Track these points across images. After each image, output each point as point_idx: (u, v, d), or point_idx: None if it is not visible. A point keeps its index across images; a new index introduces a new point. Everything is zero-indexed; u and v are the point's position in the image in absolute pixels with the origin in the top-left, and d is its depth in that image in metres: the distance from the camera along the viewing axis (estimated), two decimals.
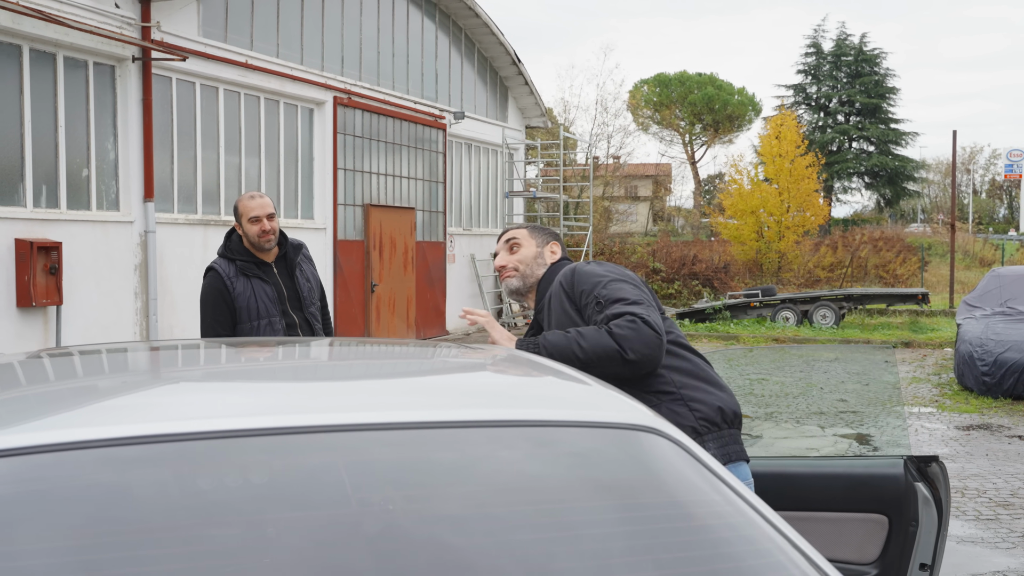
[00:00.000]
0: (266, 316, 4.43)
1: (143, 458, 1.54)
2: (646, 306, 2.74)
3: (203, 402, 1.91)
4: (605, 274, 2.85)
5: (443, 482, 1.67)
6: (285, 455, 1.62)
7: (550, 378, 2.16)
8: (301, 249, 4.71)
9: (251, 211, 4.47)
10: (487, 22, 18.27)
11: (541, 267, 3.18)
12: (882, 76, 50.21)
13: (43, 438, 1.53)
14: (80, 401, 1.94)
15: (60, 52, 10.59)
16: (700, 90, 52.72)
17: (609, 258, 24.65)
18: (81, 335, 10.70)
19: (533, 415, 1.80)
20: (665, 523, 1.69)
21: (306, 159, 14.53)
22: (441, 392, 2.06)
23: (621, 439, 1.78)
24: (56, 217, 10.49)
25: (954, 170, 22.21)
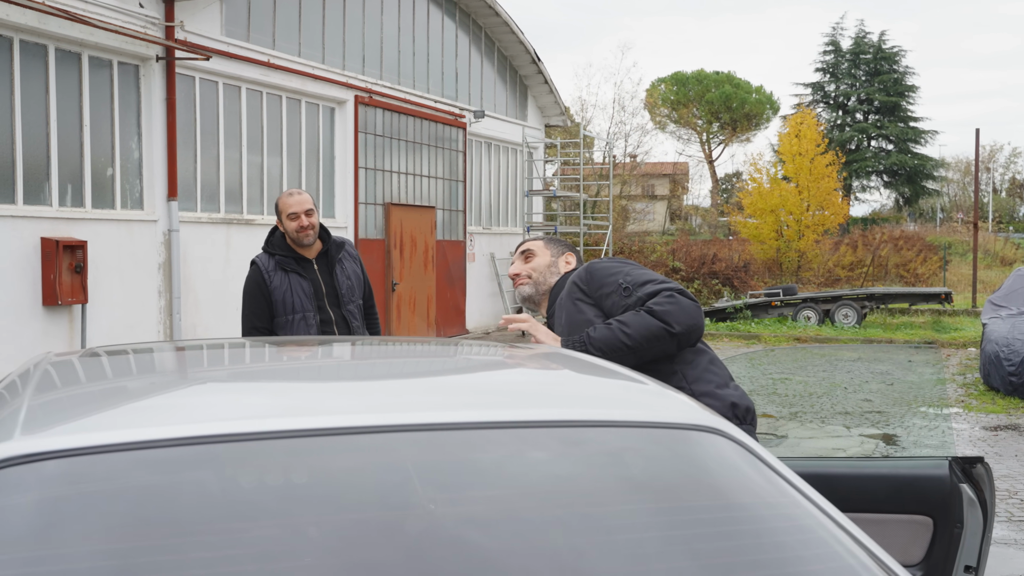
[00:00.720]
0: (300, 311, 4.46)
1: (183, 460, 1.53)
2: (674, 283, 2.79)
3: (240, 403, 1.90)
4: (623, 264, 2.90)
5: (506, 483, 1.65)
6: (328, 456, 1.61)
7: (606, 378, 2.14)
8: (343, 246, 4.74)
9: (289, 208, 4.57)
10: (507, 21, 18.26)
11: (554, 275, 3.20)
12: (901, 74, 49.95)
13: (86, 440, 1.53)
14: (123, 403, 1.94)
15: (85, 52, 10.64)
16: (717, 88, 52.58)
17: (629, 256, 24.62)
18: (106, 334, 10.75)
19: (593, 416, 1.78)
20: (730, 525, 1.67)
21: (327, 158, 14.56)
22: (501, 392, 2.04)
23: (683, 439, 1.76)
24: (81, 216, 10.54)
25: (977, 168, 22.04)
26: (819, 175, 25.13)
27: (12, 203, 9.85)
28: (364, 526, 1.50)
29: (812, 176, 25.03)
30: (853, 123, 50.28)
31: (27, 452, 1.46)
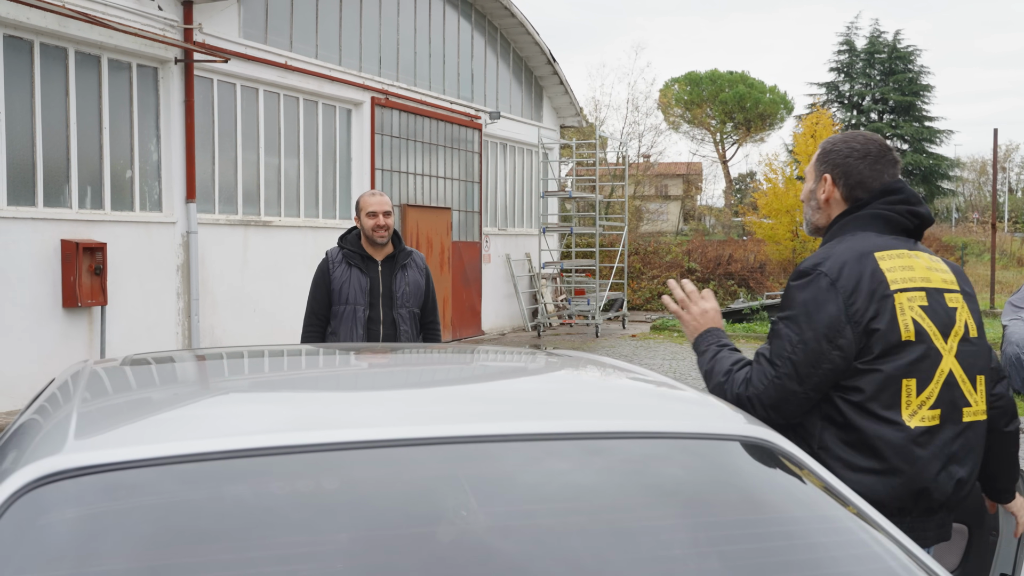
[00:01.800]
0: (352, 303, 4.76)
1: (216, 473, 1.53)
2: (774, 371, 2.29)
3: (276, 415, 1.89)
4: (797, 305, 2.32)
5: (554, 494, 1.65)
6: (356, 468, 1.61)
7: (651, 387, 2.13)
8: (411, 255, 5.00)
9: (370, 206, 4.85)
10: (522, 22, 18.26)
11: (819, 212, 2.60)
12: (916, 73, 49.71)
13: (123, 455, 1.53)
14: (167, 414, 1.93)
15: (104, 54, 10.69)
16: (731, 88, 52.47)
17: (643, 258, 24.58)
18: (125, 335, 10.80)
19: (644, 427, 1.77)
20: (778, 539, 1.65)
21: (344, 159, 14.58)
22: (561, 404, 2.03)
23: (731, 451, 1.75)
24: (100, 218, 10.59)
25: (995, 168, 21.95)
26: None
27: (33, 205, 9.91)
28: (395, 539, 1.49)
29: None
30: (868, 123, 50.06)
31: (78, 465, 1.46)
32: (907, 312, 2.28)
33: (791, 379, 2.26)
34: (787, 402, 2.28)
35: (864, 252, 2.33)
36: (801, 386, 2.26)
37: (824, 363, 2.24)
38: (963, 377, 2.32)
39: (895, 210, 2.42)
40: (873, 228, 2.41)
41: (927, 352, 2.27)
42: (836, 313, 2.25)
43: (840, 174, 2.47)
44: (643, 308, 23.36)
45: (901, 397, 2.25)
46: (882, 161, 2.46)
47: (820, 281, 2.29)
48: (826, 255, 2.34)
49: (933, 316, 2.31)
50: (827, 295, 2.26)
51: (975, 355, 2.36)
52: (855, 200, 2.46)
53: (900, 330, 2.26)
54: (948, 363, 2.30)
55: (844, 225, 2.44)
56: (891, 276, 2.31)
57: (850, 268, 2.29)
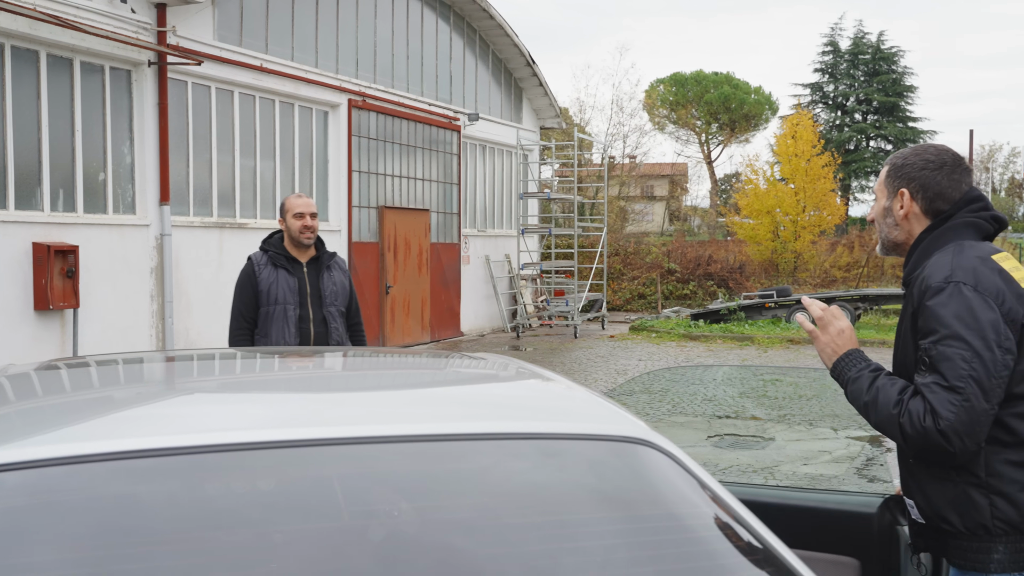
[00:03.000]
0: (282, 303, 4.87)
1: (154, 470, 1.57)
2: (962, 397, 2.15)
3: (213, 414, 1.94)
4: (951, 322, 2.19)
5: (446, 492, 1.70)
6: (294, 467, 1.65)
7: (550, 388, 2.18)
8: (335, 256, 5.18)
9: (296, 207, 4.95)
10: (501, 23, 18.31)
11: (895, 229, 2.53)
12: (900, 74, 49.97)
13: (55, 451, 1.57)
14: (94, 413, 1.97)
15: (77, 57, 10.69)
16: (716, 89, 52.60)
17: (624, 259, 24.65)
18: (98, 338, 10.80)
19: (531, 428, 1.82)
20: (657, 534, 1.71)
21: (320, 161, 14.61)
22: (445, 404, 2.09)
23: (615, 451, 1.80)
24: (73, 221, 10.59)
25: (970, 166, 22.08)
26: (815, 176, 25.17)
27: (4, 208, 9.90)
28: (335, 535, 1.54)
29: (808, 177, 25.08)
30: (852, 123, 50.30)
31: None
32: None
33: (979, 398, 2.14)
34: (980, 424, 2.15)
35: (984, 257, 2.27)
36: (989, 403, 2.15)
37: (1003, 370, 2.16)
38: None
39: (982, 216, 2.38)
40: (968, 236, 2.35)
41: None
42: (994, 316, 2.18)
43: (918, 187, 2.42)
44: (623, 309, 23.44)
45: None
46: (958, 171, 2.42)
47: (963, 290, 2.20)
48: (949, 266, 2.25)
49: None
50: (977, 302, 2.19)
51: None
52: (936, 212, 2.41)
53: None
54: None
55: (940, 236, 2.37)
56: (1016, 276, 2.27)
57: (982, 273, 2.22)
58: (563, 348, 16.15)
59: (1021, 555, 2.24)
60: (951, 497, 2.28)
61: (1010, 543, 2.24)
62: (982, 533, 2.25)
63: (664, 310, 21.58)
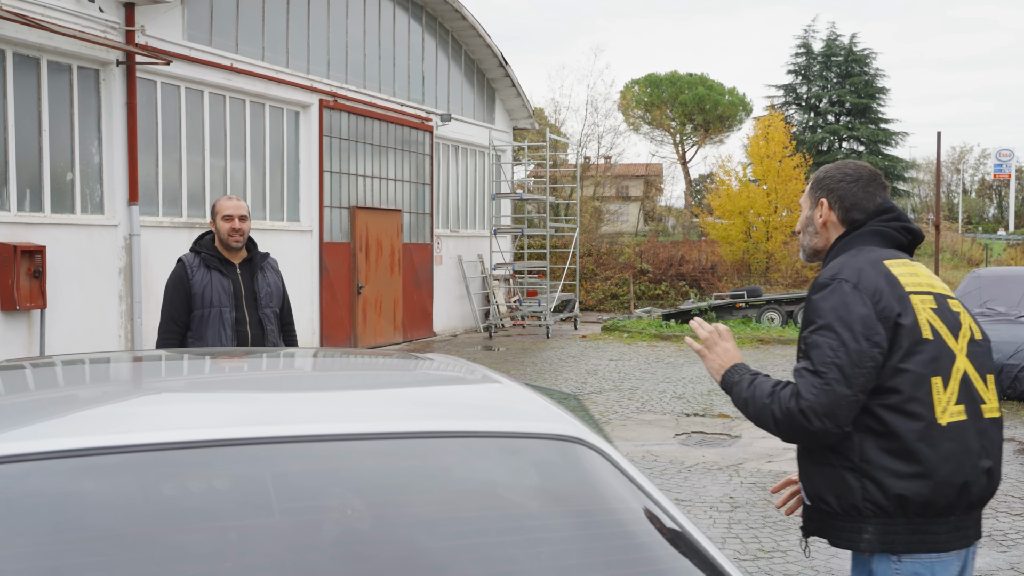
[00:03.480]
0: (217, 306, 4.78)
1: (116, 467, 1.60)
2: (823, 381, 2.37)
3: (176, 413, 1.96)
4: (827, 314, 2.42)
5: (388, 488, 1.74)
6: (254, 464, 1.69)
7: (486, 386, 2.22)
8: (267, 257, 5.13)
9: (225, 210, 4.86)
10: (474, 24, 18.34)
11: (816, 236, 2.75)
12: (872, 76, 50.36)
13: (19, 448, 1.59)
14: (57, 411, 1.98)
15: (44, 56, 10.63)
16: (691, 90, 52.81)
17: (597, 259, 24.73)
18: (66, 339, 10.74)
19: (464, 427, 1.86)
20: (592, 528, 1.76)
21: (292, 162, 14.58)
22: (380, 404, 2.12)
23: (547, 449, 1.85)
24: (40, 221, 10.53)
25: (938, 171, 22.29)
26: (787, 177, 25.36)
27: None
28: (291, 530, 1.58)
29: (780, 178, 25.26)
30: (825, 125, 50.65)
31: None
32: (922, 312, 2.44)
33: (840, 383, 2.35)
34: (839, 407, 2.36)
35: (875, 260, 2.49)
36: (850, 389, 2.35)
37: (867, 361, 2.36)
38: (975, 376, 2.47)
39: (891, 226, 2.60)
40: (874, 243, 2.57)
41: (943, 350, 2.44)
42: (867, 312, 2.39)
43: (836, 198, 2.63)
44: (596, 309, 23.52)
45: (933, 395, 2.40)
46: (873, 184, 2.64)
47: (843, 287, 2.42)
48: (840, 266, 2.48)
49: (943, 317, 2.47)
50: (853, 298, 2.40)
51: (983, 355, 2.52)
52: (851, 221, 2.62)
53: (921, 327, 2.42)
54: (962, 362, 2.46)
55: (847, 242, 2.59)
56: (903, 280, 2.47)
57: (867, 273, 2.44)
58: (535, 348, 16.20)
59: (889, 536, 2.41)
60: (829, 479, 2.49)
61: (879, 524, 2.42)
62: (855, 514, 2.44)
63: (636, 310, 21.67)
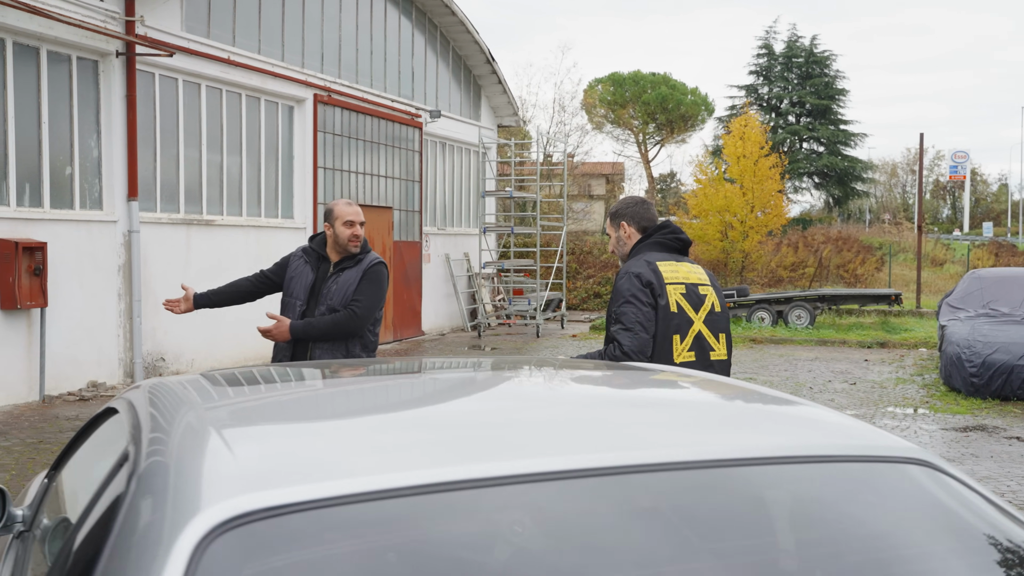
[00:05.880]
0: (293, 296, 4.98)
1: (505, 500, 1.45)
2: (633, 332, 3.75)
3: (531, 436, 1.74)
4: (624, 293, 3.82)
5: (742, 520, 1.59)
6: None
7: (802, 408, 2.06)
8: (356, 257, 4.95)
9: (347, 215, 4.88)
10: (463, 20, 18.15)
11: (625, 246, 4.18)
12: (832, 78, 50.97)
13: (315, 492, 1.39)
14: (326, 441, 1.74)
15: (44, 46, 10.27)
16: (654, 90, 52.99)
17: (579, 258, 24.68)
18: (65, 338, 10.40)
19: (815, 449, 1.71)
20: (963, 557, 1.61)
21: (286, 157, 14.28)
22: (703, 424, 1.93)
23: (899, 473, 1.71)
24: (40, 216, 10.17)
25: (921, 171, 22.59)
26: (763, 177, 25.46)
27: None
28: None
29: (756, 178, 25.35)
30: (786, 125, 51.17)
31: (264, 506, 1.33)
32: (673, 296, 3.83)
33: (643, 330, 3.76)
34: (646, 345, 3.74)
35: (649, 261, 3.90)
36: (648, 334, 3.76)
37: (652, 319, 3.78)
38: (709, 334, 3.91)
39: (667, 238, 4.04)
40: (654, 250, 3.98)
41: (684, 319, 3.84)
42: (642, 288, 3.80)
43: (631, 219, 4.10)
44: (579, 308, 23.47)
45: (672, 346, 3.82)
46: (646, 208, 4.13)
47: (632, 278, 3.84)
48: (630, 265, 3.91)
49: (689, 299, 3.86)
50: (637, 283, 3.82)
51: (718, 321, 3.96)
52: (644, 230, 4.08)
53: (671, 305, 3.82)
54: (698, 326, 3.88)
55: (638, 250, 4.03)
56: (665, 275, 3.86)
57: (644, 270, 3.85)
58: (527, 348, 16.06)
59: None
60: None
61: None
62: None
63: None
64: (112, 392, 10.64)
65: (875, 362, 14.22)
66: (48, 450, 8.11)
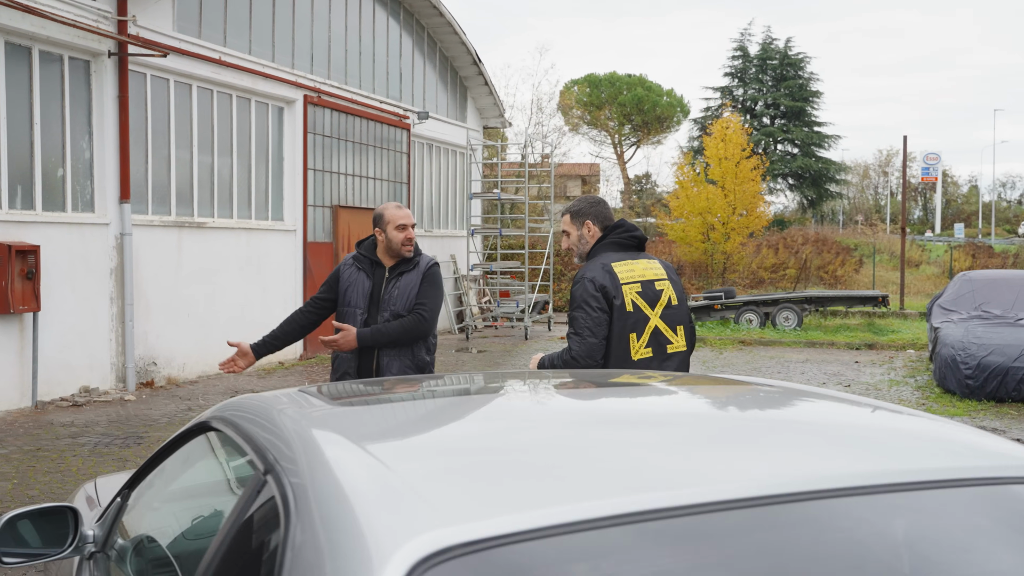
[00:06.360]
0: (352, 305, 4.84)
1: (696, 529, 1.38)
2: (581, 338, 3.91)
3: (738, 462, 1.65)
4: (577, 298, 3.98)
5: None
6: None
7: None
8: (413, 260, 4.90)
9: (399, 219, 4.83)
10: (450, 21, 18.07)
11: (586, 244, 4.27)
12: (806, 80, 51.29)
13: (534, 519, 1.31)
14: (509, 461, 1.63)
15: (36, 46, 10.09)
16: (630, 91, 53.13)
17: (563, 260, 24.64)
18: (58, 343, 10.22)
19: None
20: None
21: (276, 159, 14.13)
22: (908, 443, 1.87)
23: None
24: (32, 219, 9.99)
25: (904, 173, 22.76)
26: (744, 178, 25.58)
27: None
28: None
29: (738, 179, 25.46)
30: (760, 127, 51.42)
31: (474, 538, 1.24)
32: (629, 295, 3.94)
33: (591, 335, 3.90)
34: (594, 349, 3.89)
35: (605, 264, 4.00)
36: (596, 338, 3.90)
37: (603, 323, 3.90)
38: (666, 328, 4.03)
39: (623, 236, 4.15)
40: (611, 250, 4.08)
41: (640, 317, 3.96)
42: (595, 294, 3.91)
43: (594, 219, 4.19)
44: (565, 310, 23.43)
45: (630, 344, 3.93)
46: (606, 207, 4.25)
47: (586, 283, 3.95)
48: (586, 268, 4.03)
49: (645, 297, 3.98)
50: (590, 288, 3.93)
51: (675, 314, 4.06)
52: (604, 228, 4.19)
53: (626, 304, 3.93)
54: (654, 322, 3.99)
55: (596, 250, 4.14)
56: (620, 276, 3.96)
57: (600, 273, 3.95)
58: (517, 350, 16.01)
59: None
60: None
61: None
62: None
63: None
64: (105, 398, 10.47)
65: (866, 364, 14.29)
66: (47, 458, 7.95)
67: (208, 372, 12.40)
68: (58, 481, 7.24)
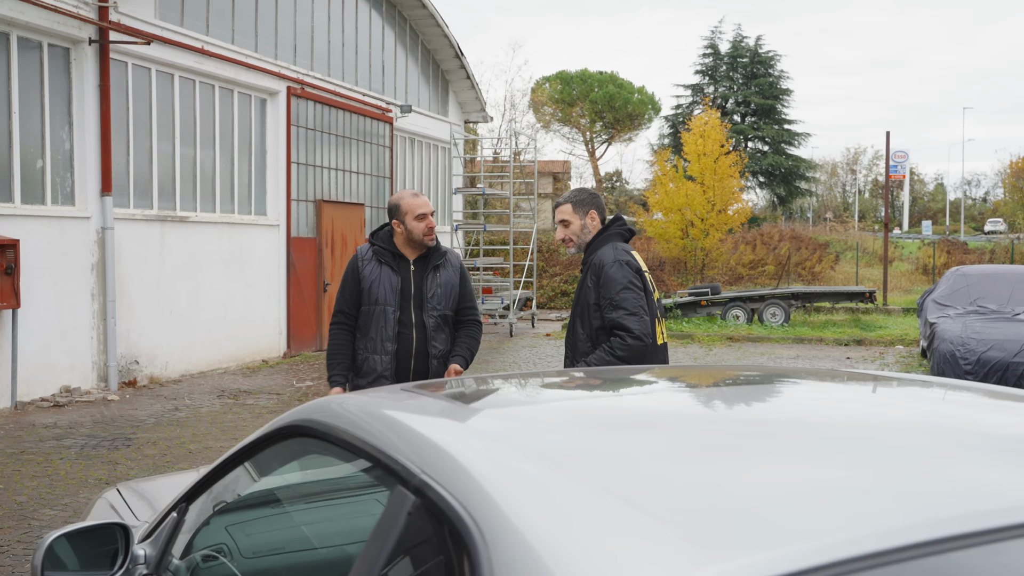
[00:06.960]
0: (382, 304, 4.50)
1: None
2: (639, 316, 4.03)
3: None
4: (622, 280, 4.06)
5: None
6: None
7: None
8: (446, 255, 4.69)
9: (418, 208, 4.55)
10: (433, 13, 17.77)
11: (588, 235, 4.39)
12: (776, 78, 51.48)
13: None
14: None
15: (14, 32, 9.69)
16: (601, 88, 53.06)
17: (544, 256, 24.44)
18: (38, 341, 9.83)
19: None
20: None
21: (259, 152, 13.77)
22: None
23: None
24: (11, 212, 9.59)
25: (887, 170, 22.75)
26: (723, 175, 25.48)
27: None
28: None
29: (717, 176, 25.36)
30: (732, 124, 51.53)
31: None
32: (648, 280, 4.21)
33: (645, 312, 4.06)
34: (648, 327, 4.06)
35: (627, 250, 4.22)
36: (650, 315, 4.10)
37: (644, 300, 4.08)
38: (659, 317, 4.29)
39: (624, 227, 4.33)
40: (618, 240, 4.26)
41: (655, 303, 4.24)
42: (633, 276, 4.09)
43: (595, 209, 4.35)
44: (547, 306, 23.22)
45: (655, 327, 4.17)
46: (600, 198, 4.41)
47: (624, 265, 4.10)
48: (615, 253, 4.15)
49: (653, 284, 4.28)
50: (629, 270, 4.10)
51: (658, 306, 4.31)
52: (603, 222, 4.36)
53: (651, 290, 4.23)
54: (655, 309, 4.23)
55: (605, 239, 4.28)
56: (640, 262, 4.23)
57: (630, 258, 4.16)
58: (503, 347, 15.76)
59: None
60: None
61: None
62: None
63: None
64: (87, 398, 10.09)
65: (857, 360, 14.19)
66: (33, 461, 7.58)
67: (191, 371, 12.03)
68: (46, 486, 6.89)
